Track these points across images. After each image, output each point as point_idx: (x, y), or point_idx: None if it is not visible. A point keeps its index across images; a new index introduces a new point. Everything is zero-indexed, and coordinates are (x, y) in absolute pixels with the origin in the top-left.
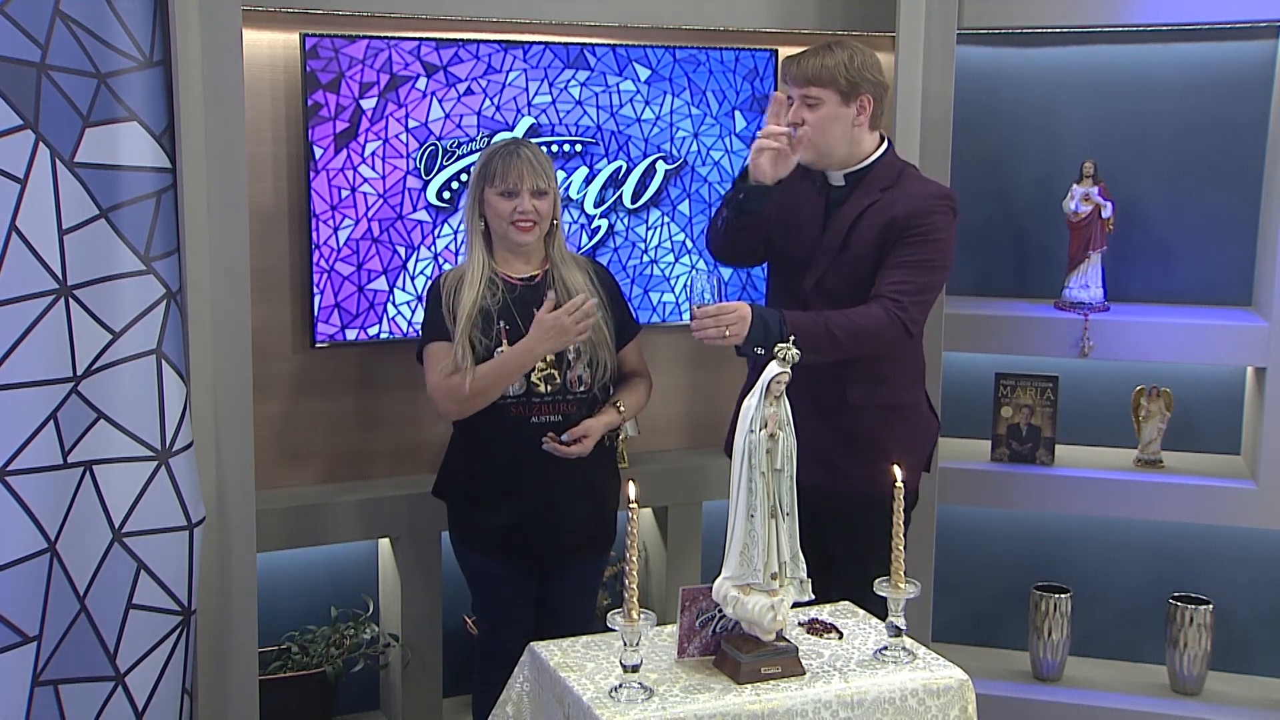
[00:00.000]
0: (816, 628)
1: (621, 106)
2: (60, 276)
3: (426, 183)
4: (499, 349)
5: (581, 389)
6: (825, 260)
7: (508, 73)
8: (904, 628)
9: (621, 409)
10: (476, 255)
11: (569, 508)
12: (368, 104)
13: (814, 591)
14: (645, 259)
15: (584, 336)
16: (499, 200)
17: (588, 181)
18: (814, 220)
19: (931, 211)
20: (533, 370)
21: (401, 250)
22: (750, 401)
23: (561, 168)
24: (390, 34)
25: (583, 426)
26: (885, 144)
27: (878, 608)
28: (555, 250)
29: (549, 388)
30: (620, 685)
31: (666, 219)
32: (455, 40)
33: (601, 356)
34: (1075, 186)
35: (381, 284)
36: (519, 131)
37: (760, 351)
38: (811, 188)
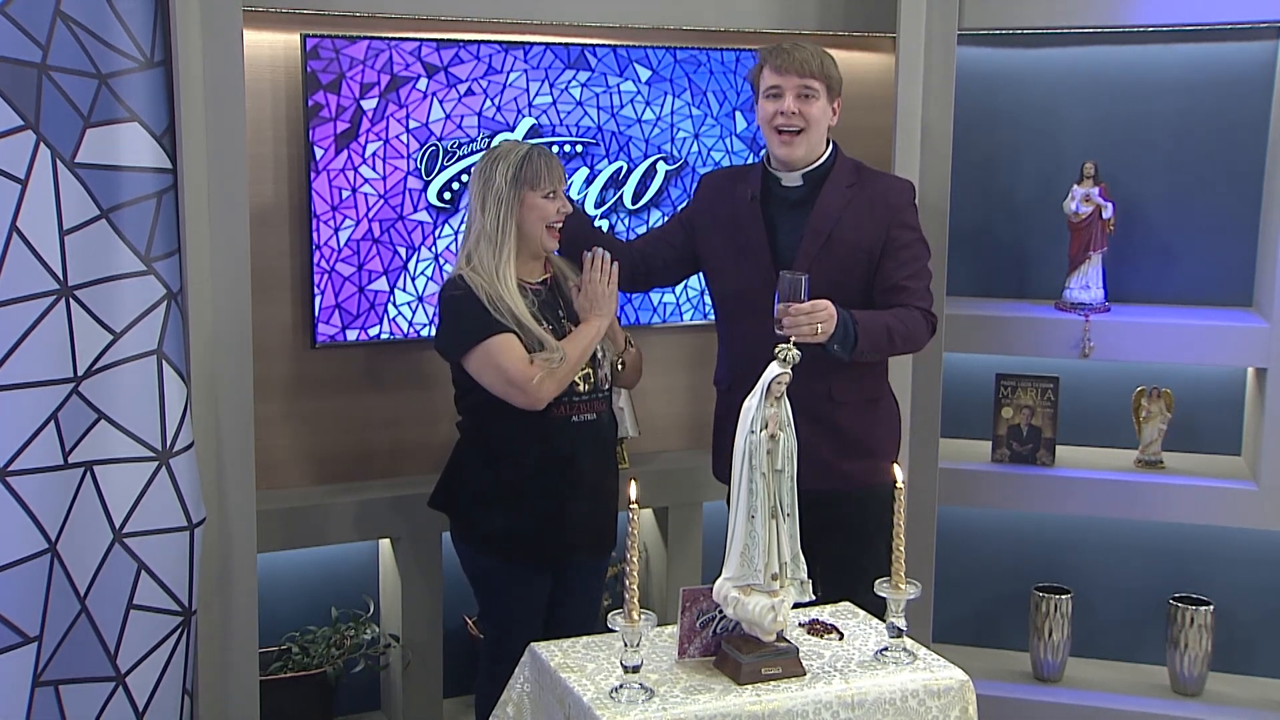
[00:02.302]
0: (817, 628)
1: (622, 107)
2: (61, 277)
3: (427, 183)
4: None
5: (607, 386)
6: (806, 260)
7: (508, 73)
8: (904, 628)
9: (630, 345)
10: (511, 262)
11: (574, 508)
12: (368, 104)
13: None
14: None
15: (613, 285)
16: (544, 203)
17: (588, 182)
18: (753, 226)
19: (907, 206)
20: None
21: (402, 251)
22: (751, 402)
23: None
24: (391, 35)
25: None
26: (832, 144)
27: (871, 603)
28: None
29: (586, 386)
30: (621, 686)
31: (667, 219)
32: (456, 41)
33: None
34: (1076, 187)
35: (382, 284)
36: (520, 132)
37: (836, 348)
38: (744, 195)
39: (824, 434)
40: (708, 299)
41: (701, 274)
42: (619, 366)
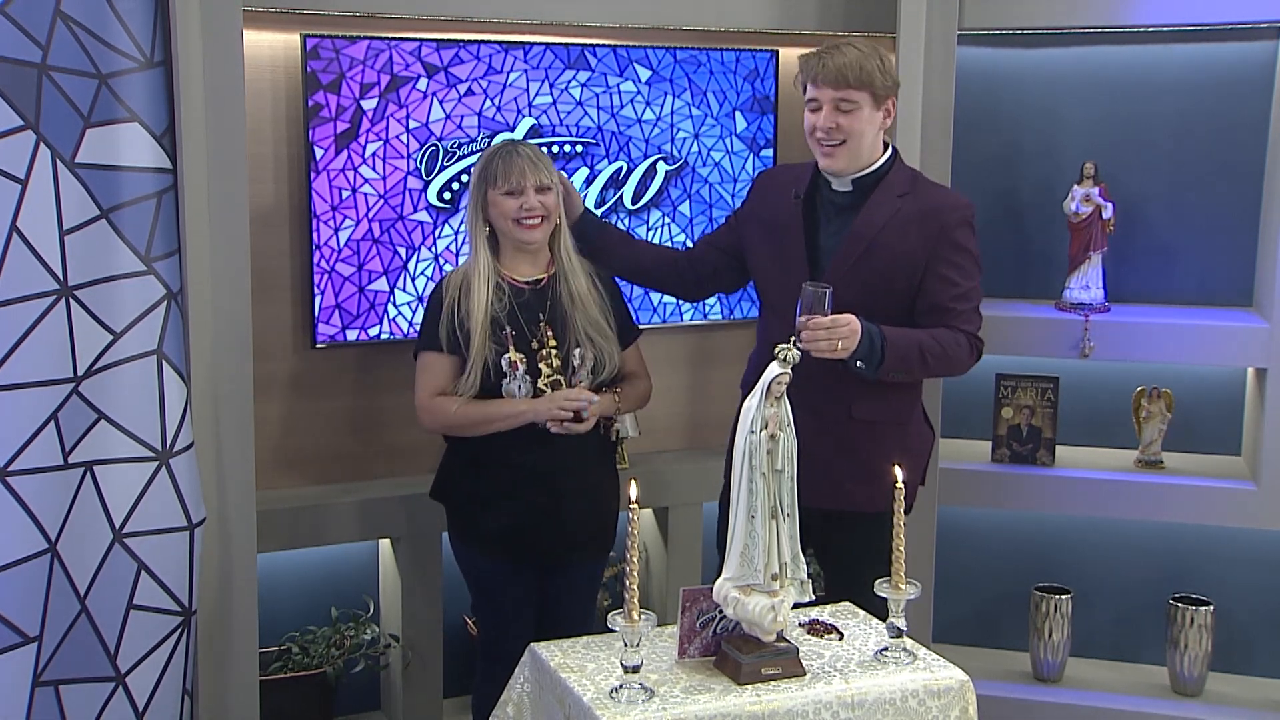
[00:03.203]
0: (817, 628)
1: (622, 107)
2: (61, 277)
3: (427, 183)
4: (505, 354)
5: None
6: (842, 269)
7: (508, 73)
8: (904, 628)
9: (618, 399)
10: (482, 260)
11: (571, 508)
12: (368, 105)
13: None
14: None
15: (555, 418)
16: (504, 200)
17: (588, 182)
18: (794, 229)
19: (962, 225)
20: (539, 375)
21: (402, 251)
22: (751, 403)
23: (562, 169)
24: (391, 35)
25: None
26: (890, 149)
27: (872, 610)
28: (562, 251)
29: (554, 392)
30: (621, 686)
31: (667, 220)
32: (456, 41)
33: (605, 358)
34: (1076, 187)
35: (382, 284)
36: (520, 132)
37: (861, 366)
38: (788, 198)
39: (839, 453)
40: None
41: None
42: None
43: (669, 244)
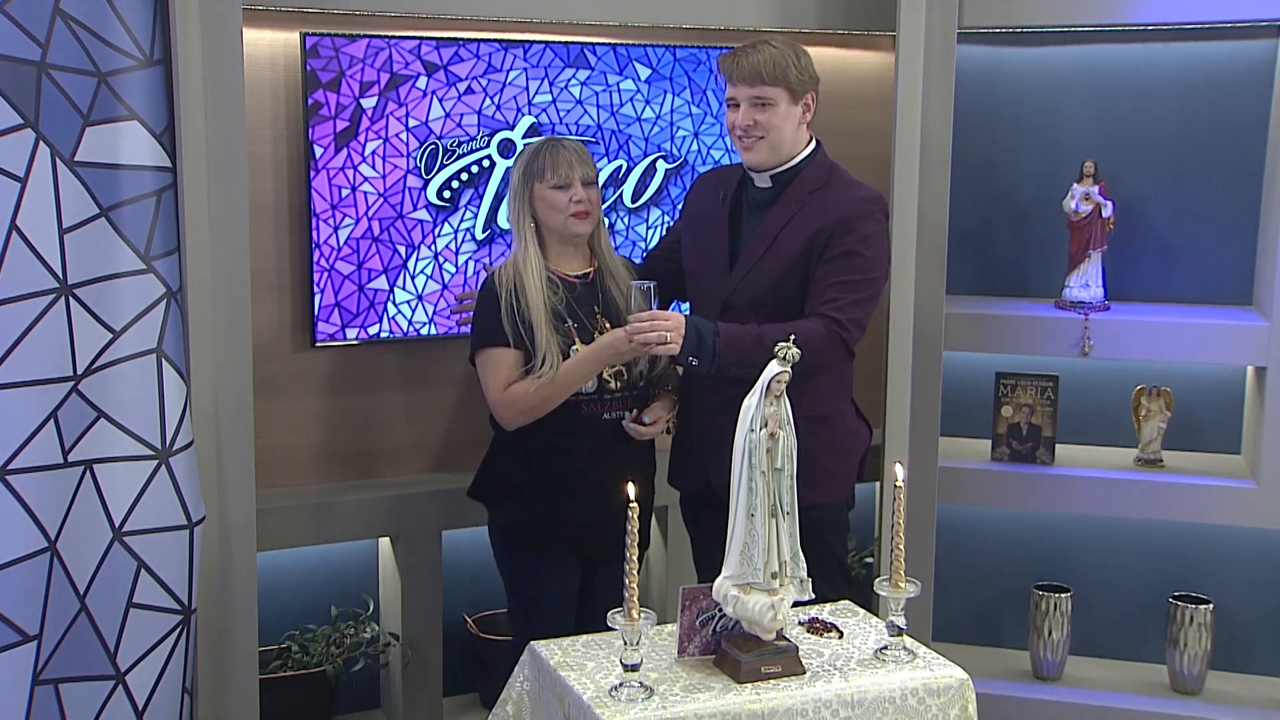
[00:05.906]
0: (817, 627)
1: (622, 106)
2: (60, 275)
3: (427, 182)
4: (573, 347)
5: (642, 383)
6: (748, 265)
7: (508, 72)
8: (904, 627)
9: (676, 399)
10: (532, 255)
11: (610, 504)
12: (368, 103)
13: None
14: None
15: (638, 353)
16: (553, 194)
17: None
18: (718, 228)
19: (863, 216)
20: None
21: (402, 249)
22: (750, 401)
23: None
24: (391, 33)
25: (655, 409)
26: (814, 143)
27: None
28: (602, 245)
29: (618, 384)
30: (620, 684)
31: (667, 218)
32: (455, 39)
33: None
34: (1076, 186)
35: (382, 283)
36: (519, 131)
37: (694, 361)
38: (717, 199)
39: None
40: None
41: None
42: (668, 430)
43: None
